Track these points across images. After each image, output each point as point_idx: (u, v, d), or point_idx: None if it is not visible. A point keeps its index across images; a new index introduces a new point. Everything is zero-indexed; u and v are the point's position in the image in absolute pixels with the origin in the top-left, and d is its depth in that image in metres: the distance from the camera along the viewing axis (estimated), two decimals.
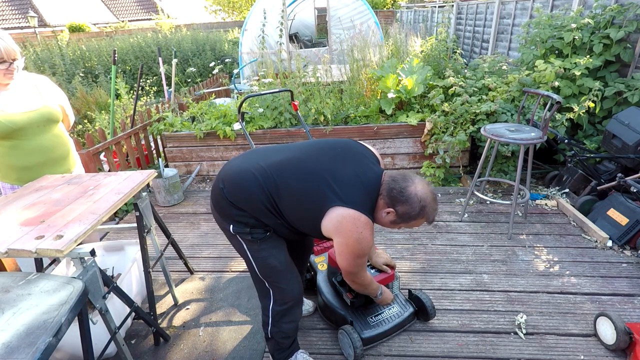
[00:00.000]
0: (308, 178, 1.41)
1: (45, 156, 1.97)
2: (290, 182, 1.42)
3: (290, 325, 1.69)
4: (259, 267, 1.57)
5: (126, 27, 17.10)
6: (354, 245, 1.39)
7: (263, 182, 1.42)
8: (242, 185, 1.45)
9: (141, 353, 1.97)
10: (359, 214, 1.36)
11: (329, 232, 1.40)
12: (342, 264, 1.47)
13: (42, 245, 1.26)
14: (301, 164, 1.45)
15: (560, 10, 4.02)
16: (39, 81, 1.99)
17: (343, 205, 1.36)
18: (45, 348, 0.97)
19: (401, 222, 1.44)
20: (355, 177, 1.42)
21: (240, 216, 1.47)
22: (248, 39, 7.37)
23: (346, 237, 1.38)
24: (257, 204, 1.44)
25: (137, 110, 4.21)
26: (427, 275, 2.45)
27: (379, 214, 1.45)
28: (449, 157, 3.55)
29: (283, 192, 1.41)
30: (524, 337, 1.94)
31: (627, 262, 2.48)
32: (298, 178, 1.42)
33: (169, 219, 3.35)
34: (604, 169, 3.14)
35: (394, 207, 1.40)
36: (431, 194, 1.42)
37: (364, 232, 1.37)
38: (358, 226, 1.36)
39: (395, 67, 4.10)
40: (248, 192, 1.44)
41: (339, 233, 1.38)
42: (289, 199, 1.42)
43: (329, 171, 1.41)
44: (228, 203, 1.47)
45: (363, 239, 1.37)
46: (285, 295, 1.62)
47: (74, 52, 9.71)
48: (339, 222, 1.36)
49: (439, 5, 9.18)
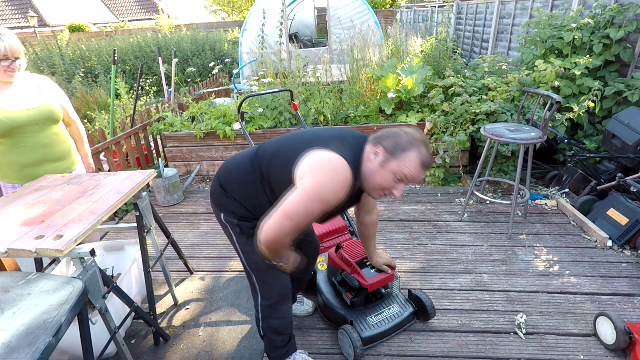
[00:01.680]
0: (295, 141, 1.40)
1: (44, 154, 1.98)
2: (278, 150, 1.42)
3: (279, 322, 1.65)
4: (246, 260, 1.57)
5: (126, 27, 17.10)
6: (324, 183, 1.23)
7: (255, 160, 1.45)
8: (236, 169, 1.49)
9: (141, 353, 1.97)
10: (339, 156, 1.26)
11: (301, 174, 1.27)
12: (289, 202, 1.24)
13: (42, 245, 1.26)
14: (290, 136, 1.45)
15: (560, 10, 4.02)
16: (41, 81, 2.01)
17: (322, 149, 1.29)
18: (45, 348, 0.97)
19: (392, 157, 1.28)
20: (340, 136, 1.38)
21: (232, 206, 1.49)
22: (248, 39, 7.37)
23: (319, 173, 1.24)
24: (248, 187, 1.44)
25: (137, 110, 4.21)
26: (427, 275, 2.45)
27: (367, 163, 1.32)
28: (449, 157, 3.55)
29: (272, 163, 1.40)
30: (524, 337, 1.94)
31: (627, 262, 2.48)
32: (286, 144, 1.42)
33: (169, 219, 3.35)
34: (604, 169, 3.14)
35: (381, 144, 1.30)
36: (420, 135, 1.32)
37: (340, 174, 1.24)
38: (335, 165, 1.25)
39: (395, 67, 4.10)
40: (241, 174, 1.46)
41: (312, 170, 1.25)
42: (276, 165, 1.39)
43: (315, 133, 1.42)
44: (222, 192, 1.50)
45: (336, 181, 1.23)
46: (271, 290, 1.59)
47: (74, 52, 9.71)
48: (313, 160, 1.26)
49: (439, 5, 9.18)
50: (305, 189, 1.24)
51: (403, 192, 1.36)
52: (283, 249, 1.36)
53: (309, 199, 1.23)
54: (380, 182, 1.31)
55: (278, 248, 1.33)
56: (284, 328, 1.68)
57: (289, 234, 1.29)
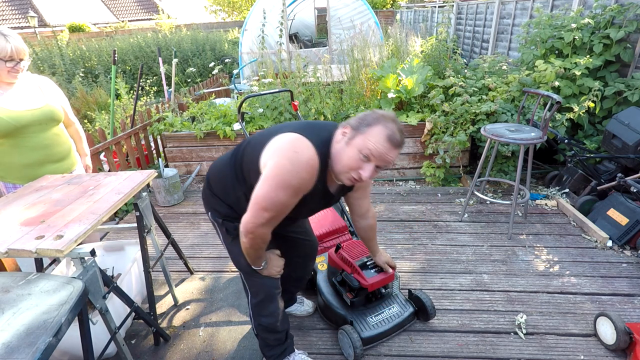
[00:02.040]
0: (266, 132, 1.38)
1: (45, 154, 1.98)
2: (249, 142, 1.41)
3: (268, 319, 1.65)
4: (233, 260, 1.59)
5: (126, 27, 17.10)
6: (284, 166, 1.20)
7: (234, 155, 1.46)
8: (219, 165, 1.52)
9: (141, 353, 1.97)
10: (301, 136, 1.24)
11: (264, 161, 1.26)
12: (258, 192, 1.24)
13: (42, 245, 1.26)
14: (266, 129, 1.42)
15: (560, 10, 4.02)
16: (42, 82, 2.01)
17: (285, 133, 1.27)
18: (45, 348, 0.97)
19: (356, 133, 1.23)
20: (311, 123, 1.37)
21: (216, 204, 1.51)
22: (248, 39, 7.37)
23: (278, 156, 1.22)
24: (227, 182, 1.46)
25: (137, 110, 4.21)
26: (427, 275, 2.45)
27: (335, 145, 1.28)
28: (449, 157, 3.55)
29: (244, 155, 1.40)
30: (524, 337, 1.94)
31: (627, 262, 2.48)
32: (258, 135, 1.40)
33: (169, 219, 3.35)
34: (604, 169, 3.14)
35: (349, 123, 1.27)
36: (391, 114, 1.27)
37: (299, 153, 1.21)
38: (295, 145, 1.22)
39: (395, 67, 4.10)
40: (222, 170, 1.49)
41: (272, 155, 1.24)
42: (246, 156, 1.38)
43: (288, 124, 1.37)
44: (208, 190, 1.54)
45: (296, 161, 1.20)
46: (257, 288, 1.60)
47: (74, 52, 9.71)
48: (274, 145, 1.25)
49: (439, 5, 9.18)
50: (267, 176, 1.23)
51: (374, 174, 1.26)
52: (264, 243, 1.38)
53: (272, 186, 1.22)
54: (346, 161, 1.24)
55: (259, 242, 1.35)
56: (273, 326, 1.67)
57: (266, 225, 1.29)
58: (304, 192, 1.27)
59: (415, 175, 3.95)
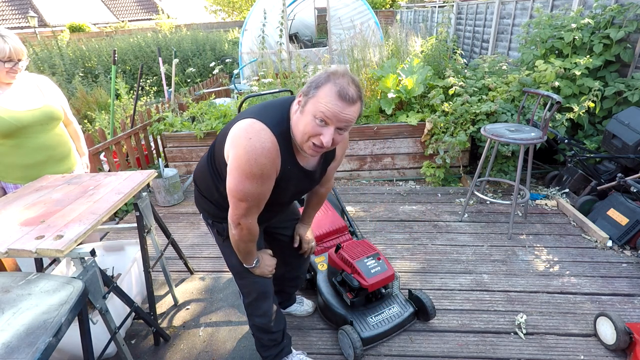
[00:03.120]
0: (230, 123, 1.32)
1: (47, 154, 1.98)
2: (218, 136, 1.38)
3: (261, 319, 1.64)
4: (226, 259, 1.59)
5: (126, 27, 17.09)
6: (241, 156, 1.17)
7: (209, 152, 1.44)
8: (200, 166, 1.50)
9: (141, 353, 1.97)
10: (254, 120, 1.19)
11: (227, 154, 1.25)
12: (228, 185, 1.24)
13: (42, 245, 1.26)
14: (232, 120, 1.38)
15: (560, 10, 4.02)
16: (41, 81, 2.01)
17: (240, 121, 1.23)
18: (45, 348, 0.97)
19: (308, 98, 1.16)
20: (269, 103, 1.29)
21: (205, 204, 1.52)
22: (248, 39, 7.37)
23: (235, 146, 1.19)
24: (207, 180, 1.44)
25: (137, 110, 4.21)
26: (427, 275, 2.45)
27: (293, 117, 1.23)
28: (449, 157, 3.55)
29: (215, 150, 1.38)
30: (524, 337, 1.94)
31: (627, 262, 2.48)
32: (224, 127, 1.35)
33: (169, 219, 3.35)
34: (604, 169, 3.14)
35: (301, 91, 1.20)
36: (343, 69, 1.19)
37: (253, 139, 1.16)
38: (248, 132, 1.18)
39: (395, 67, 4.10)
40: (202, 169, 1.47)
41: (231, 146, 1.21)
42: (216, 151, 1.36)
43: (248, 109, 1.33)
44: (197, 191, 1.55)
45: (251, 149, 1.16)
46: (249, 288, 1.59)
47: (73, 52, 9.71)
48: (232, 135, 1.22)
49: (439, 5, 9.18)
50: (230, 168, 1.22)
51: (338, 138, 1.19)
52: (252, 236, 1.36)
53: (237, 178, 1.21)
54: (303, 130, 1.18)
55: (246, 233, 1.34)
56: (267, 326, 1.66)
57: (248, 215, 1.28)
58: (271, 177, 1.23)
59: (415, 175, 3.95)
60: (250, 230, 1.34)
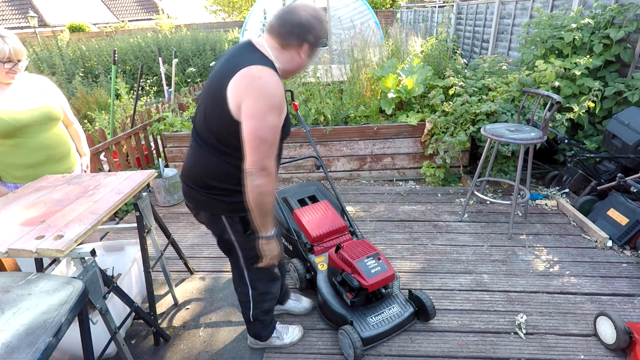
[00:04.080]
0: (210, 92, 1.41)
1: (47, 154, 1.98)
2: (205, 112, 1.43)
3: (270, 303, 1.82)
4: (245, 255, 1.63)
5: (126, 27, 17.09)
6: (261, 94, 1.27)
7: (200, 144, 1.48)
8: (197, 165, 1.51)
9: (141, 353, 1.97)
10: (252, 66, 1.29)
11: (236, 107, 1.30)
12: (250, 129, 1.29)
13: (42, 245, 1.26)
14: (203, 97, 1.46)
15: (560, 10, 4.02)
16: (40, 81, 2.01)
17: (237, 70, 1.29)
18: (45, 348, 0.97)
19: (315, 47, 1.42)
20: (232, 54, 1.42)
21: (218, 200, 1.50)
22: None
23: (250, 91, 1.28)
24: (217, 166, 1.46)
25: (137, 110, 4.21)
26: (427, 275, 2.45)
27: (297, 59, 1.42)
28: (449, 157, 3.55)
29: (208, 124, 1.42)
30: (524, 337, 1.94)
31: (627, 262, 2.48)
32: (206, 102, 1.43)
33: (169, 219, 3.35)
34: (604, 169, 3.14)
35: (305, 40, 1.39)
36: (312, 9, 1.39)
37: (264, 78, 1.28)
38: (255, 74, 1.28)
39: (395, 67, 4.10)
40: (204, 164, 1.49)
41: (244, 96, 1.28)
42: (211, 121, 1.41)
43: (214, 75, 1.41)
44: (204, 194, 1.50)
45: (267, 85, 1.27)
46: (260, 273, 1.68)
47: (73, 52, 9.70)
48: (237, 88, 1.29)
49: (439, 5, 9.18)
50: (251, 111, 1.28)
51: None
52: (274, 182, 1.40)
53: (261, 115, 1.28)
54: (303, 66, 1.47)
55: (271, 181, 1.36)
56: (272, 306, 1.86)
57: (269, 156, 1.33)
58: (285, 107, 1.36)
59: (415, 175, 3.95)
60: (273, 176, 1.38)
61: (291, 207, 2.49)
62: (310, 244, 2.28)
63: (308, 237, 2.29)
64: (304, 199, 2.57)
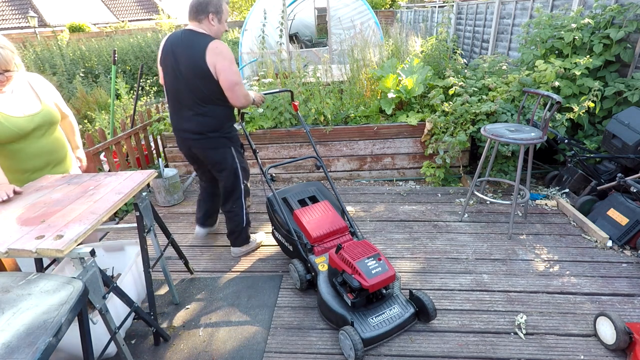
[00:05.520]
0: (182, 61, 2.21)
1: (46, 160, 1.96)
2: (190, 83, 2.22)
3: (245, 209, 2.63)
4: (241, 171, 2.49)
5: (126, 27, 17.10)
6: (226, 53, 2.13)
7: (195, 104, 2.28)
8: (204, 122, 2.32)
9: (141, 353, 1.97)
10: (211, 40, 2.13)
11: (213, 66, 2.11)
12: (231, 75, 2.12)
13: (42, 245, 1.26)
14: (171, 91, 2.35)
15: (560, 10, 4.02)
16: (32, 79, 1.94)
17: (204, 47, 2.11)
18: (45, 348, 0.97)
19: (221, 14, 2.20)
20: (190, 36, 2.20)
21: (222, 135, 2.38)
22: (248, 39, 7.37)
23: (219, 53, 2.11)
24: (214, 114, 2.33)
25: (137, 110, 4.21)
26: (427, 275, 2.45)
27: (213, 27, 2.20)
28: (449, 157, 3.55)
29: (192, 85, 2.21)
30: (524, 337, 1.94)
31: (627, 262, 2.48)
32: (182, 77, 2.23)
33: (169, 219, 3.35)
34: (604, 169, 3.14)
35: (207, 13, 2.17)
36: None
37: (221, 45, 2.14)
38: (217, 44, 2.12)
39: (395, 67, 4.10)
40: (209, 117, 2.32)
41: (216, 57, 2.10)
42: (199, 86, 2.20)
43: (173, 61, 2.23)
44: (214, 134, 2.36)
45: (226, 47, 2.15)
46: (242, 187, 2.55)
47: (74, 52, 9.71)
48: (211, 54, 2.10)
49: (439, 5, 9.19)
50: (224, 66, 2.12)
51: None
52: (249, 95, 2.28)
53: (230, 66, 2.13)
54: (224, 28, 2.27)
55: (250, 99, 2.29)
56: (247, 214, 2.67)
57: (242, 88, 2.20)
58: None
59: (415, 175, 3.95)
60: (248, 94, 2.27)
61: (291, 207, 2.49)
62: (310, 245, 2.28)
63: (308, 238, 2.29)
64: (304, 200, 2.57)
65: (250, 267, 2.63)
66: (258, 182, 4.06)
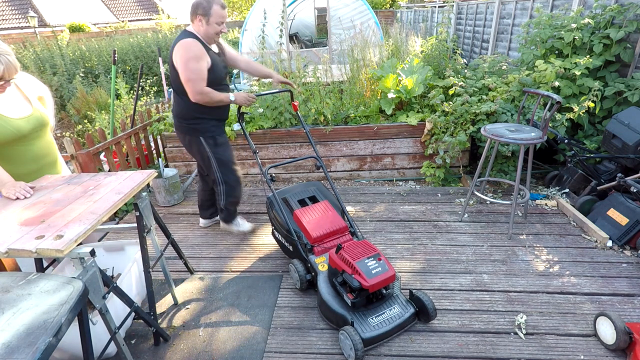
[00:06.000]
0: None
1: (39, 164, 1.93)
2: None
3: (235, 198, 2.82)
4: (217, 162, 2.65)
5: (126, 27, 17.10)
6: (181, 52, 2.29)
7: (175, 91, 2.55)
8: (180, 107, 2.59)
9: (141, 353, 1.97)
10: (181, 40, 2.33)
11: (175, 60, 2.35)
12: (183, 74, 2.33)
13: (42, 245, 1.26)
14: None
15: (560, 10, 4.02)
16: (18, 79, 1.86)
17: (175, 45, 2.35)
18: (45, 348, 0.97)
19: (209, 16, 2.31)
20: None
21: (192, 127, 2.58)
22: (248, 39, 7.37)
23: (176, 51, 2.32)
24: (181, 104, 2.56)
25: (137, 110, 4.22)
26: (427, 275, 2.45)
27: (201, 29, 2.37)
28: (449, 157, 3.55)
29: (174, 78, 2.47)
30: (524, 337, 1.94)
31: (627, 262, 2.48)
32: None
33: (169, 219, 3.35)
34: (604, 169, 3.14)
35: (196, 14, 2.34)
36: None
37: (184, 43, 2.30)
38: (181, 43, 2.31)
39: (395, 67, 4.10)
40: (182, 107, 2.57)
41: (175, 55, 2.33)
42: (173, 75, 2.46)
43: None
44: (184, 123, 2.60)
45: (187, 46, 2.30)
46: (230, 177, 2.71)
47: (74, 52, 9.70)
48: (174, 52, 2.35)
49: (439, 5, 9.19)
50: (179, 64, 2.33)
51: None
52: (212, 93, 2.40)
53: (184, 64, 2.31)
54: (213, 30, 2.37)
55: (209, 95, 2.39)
56: (237, 202, 2.88)
57: (198, 86, 2.34)
58: (202, 56, 2.33)
59: (415, 175, 3.95)
60: (206, 92, 2.37)
61: (291, 207, 2.49)
62: (310, 245, 2.28)
63: (308, 238, 2.29)
64: (304, 200, 2.57)
65: (250, 267, 2.63)
66: (258, 182, 4.06)
